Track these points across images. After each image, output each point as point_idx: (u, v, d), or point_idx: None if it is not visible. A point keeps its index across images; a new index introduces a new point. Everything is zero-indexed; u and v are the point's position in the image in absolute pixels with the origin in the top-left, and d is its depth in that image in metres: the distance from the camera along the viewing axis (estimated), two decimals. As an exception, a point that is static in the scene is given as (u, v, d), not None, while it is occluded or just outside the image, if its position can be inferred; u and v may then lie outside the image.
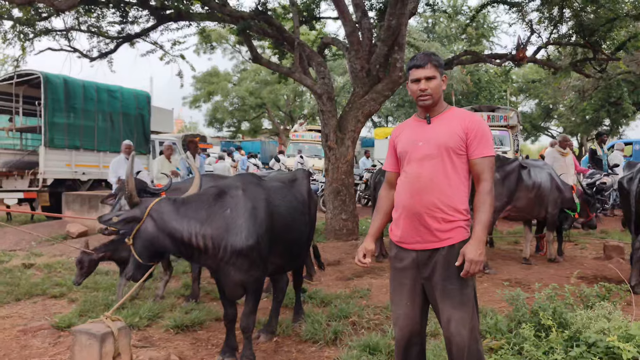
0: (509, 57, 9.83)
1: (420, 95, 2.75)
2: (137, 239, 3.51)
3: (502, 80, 24.82)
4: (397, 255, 2.85)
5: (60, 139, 12.26)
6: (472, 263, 2.59)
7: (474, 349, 2.72)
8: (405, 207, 2.76)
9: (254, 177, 4.17)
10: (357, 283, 6.25)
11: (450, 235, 2.69)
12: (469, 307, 2.71)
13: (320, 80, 9.57)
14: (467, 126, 2.72)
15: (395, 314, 2.90)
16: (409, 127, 2.91)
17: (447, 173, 2.69)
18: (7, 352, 4.21)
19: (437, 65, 2.76)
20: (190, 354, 4.22)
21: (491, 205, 2.69)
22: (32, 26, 9.75)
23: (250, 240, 3.61)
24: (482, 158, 2.71)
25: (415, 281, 2.79)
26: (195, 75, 34.66)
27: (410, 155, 2.78)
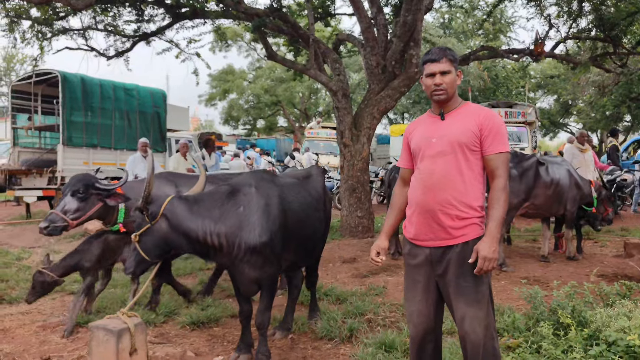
0: (526, 52, 9.68)
1: (434, 90, 2.71)
2: (146, 237, 3.52)
3: (520, 76, 24.58)
4: (410, 252, 2.83)
5: (77, 137, 12.41)
6: (485, 260, 2.55)
7: (490, 347, 2.69)
8: (418, 204, 2.73)
9: (267, 174, 4.17)
10: (372, 280, 6.22)
11: (464, 232, 2.66)
12: (484, 305, 2.67)
13: (336, 77, 9.53)
14: (482, 122, 2.68)
15: (409, 311, 2.87)
16: (423, 123, 2.89)
17: (461, 170, 2.66)
18: (26, 347, 4.26)
19: (452, 60, 2.72)
20: (206, 350, 4.24)
21: (505, 202, 2.65)
22: (50, 26, 9.85)
23: (263, 237, 3.61)
24: (496, 154, 2.67)
25: (429, 278, 2.77)
26: (211, 74, 34.88)
27: (423, 152, 2.75)
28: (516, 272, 6.64)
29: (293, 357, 4.07)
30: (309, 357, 4.06)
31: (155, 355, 3.98)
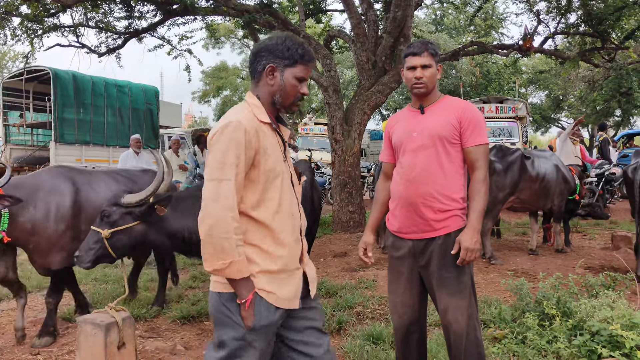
0: (515, 47, 9.74)
1: (415, 83, 2.75)
2: (120, 235, 3.49)
3: (511, 71, 24.64)
4: (394, 244, 2.87)
5: (70, 134, 12.40)
6: (467, 251, 2.59)
7: (472, 336, 2.73)
8: (401, 198, 2.77)
9: None
10: (362, 274, 6.27)
11: (445, 224, 2.70)
12: (466, 295, 2.72)
13: (327, 72, 9.57)
14: (461, 115, 2.72)
15: (394, 302, 2.92)
16: (403, 117, 2.92)
17: (442, 163, 2.70)
18: (16, 342, 4.28)
19: (433, 54, 2.76)
20: (196, 344, 4.28)
21: (486, 193, 2.70)
22: (40, 22, 9.82)
23: None
24: (476, 146, 2.71)
25: (412, 270, 2.81)
26: (204, 70, 34.81)
27: (405, 146, 2.79)
28: (505, 265, 6.71)
29: (282, 350, 4.11)
30: (297, 349, 4.10)
31: (145, 350, 4.03)
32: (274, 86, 2.12)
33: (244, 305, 1.98)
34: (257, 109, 2.11)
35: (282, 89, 2.12)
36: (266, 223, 2.05)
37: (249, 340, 2.01)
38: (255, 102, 2.13)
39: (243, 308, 1.99)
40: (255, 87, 2.17)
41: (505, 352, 3.70)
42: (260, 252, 2.05)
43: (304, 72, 2.14)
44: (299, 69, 2.12)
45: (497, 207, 7.04)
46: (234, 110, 2.10)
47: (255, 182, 2.04)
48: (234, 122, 1.99)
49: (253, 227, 2.05)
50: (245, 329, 1.99)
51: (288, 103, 2.15)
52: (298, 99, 2.15)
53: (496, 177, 6.91)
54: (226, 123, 2.00)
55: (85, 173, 4.48)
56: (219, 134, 1.99)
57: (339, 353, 3.94)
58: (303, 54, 2.12)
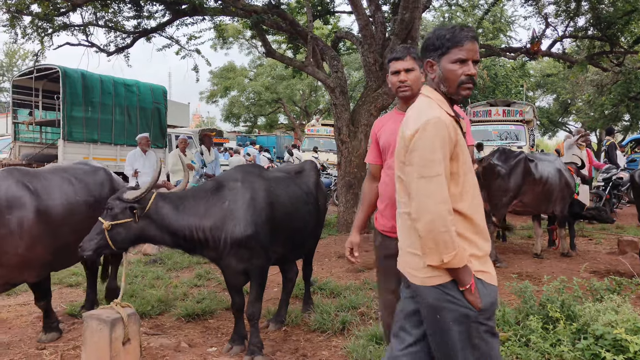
0: (523, 50, 9.73)
1: (399, 86, 2.85)
2: (121, 229, 3.53)
3: (519, 75, 24.56)
4: (382, 243, 2.93)
5: (78, 132, 12.48)
6: None
7: None
8: (391, 199, 2.81)
9: (255, 168, 4.23)
10: (367, 275, 6.28)
11: None
12: None
13: (334, 74, 9.59)
14: None
15: (383, 300, 2.97)
16: (390, 120, 2.99)
17: None
18: (23, 337, 4.33)
19: (415, 58, 2.84)
20: (200, 341, 4.30)
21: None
22: (51, 21, 9.89)
23: (248, 230, 3.67)
24: None
25: None
26: (212, 71, 34.92)
27: (393, 148, 2.81)
28: (509, 268, 6.70)
29: (285, 349, 4.13)
30: (301, 348, 4.13)
31: (150, 346, 4.06)
32: (436, 78, 2.20)
33: (469, 290, 2.05)
34: (442, 103, 2.17)
35: (443, 78, 2.17)
36: (467, 214, 2.13)
37: (480, 321, 2.08)
38: (438, 97, 2.19)
39: (469, 293, 2.06)
40: (427, 83, 2.26)
41: (509, 354, 3.70)
42: (466, 239, 2.12)
43: (460, 53, 2.14)
44: (453, 52, 2.14)
45: (500, 211, 7.01)
46: (424, 106, 2.16)
47: (456, 174, 2.11)
48: (433, 118, 2.05)
49: (458, 219, 2.11)
50: (476, 311, 2.07)
51: (453, 89, 2.18)
52: (462, 82, 2.16)
53: (500, 180, 6.87)
54: (426, 120, 2.06)
55: (39, 177, 4.06)
56: (422, 131, 2.05)
57: (342, 353, 3.96)
58: (452, 36, 2.14)
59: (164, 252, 7.82)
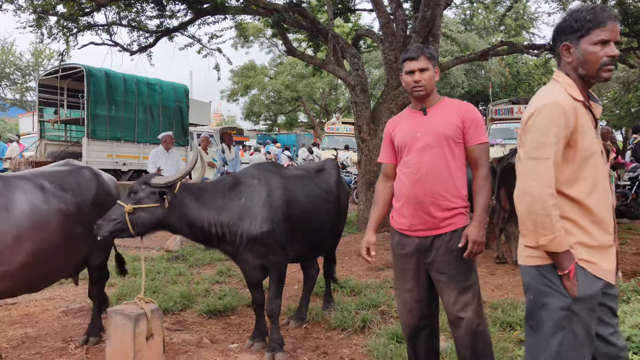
0: (547, 47, 9.58)
1: (414, 86, 2.83)
2: (143, 213, 3.53)
3: (542, 72, 24.22)
4: (399, 242, 2.92)
5: (102, 130, 12.67)
6: (475, 244, 2.69)
7: (482, 331, 2.79)
8: (408, 197, 2.82)
9: (272, 166, 4.24)
10: (387, 274, 6.27)
11: (452, 221, 2.78)
12: (476, 292, 2.80)
13: (354, 71, 9.57)
14: (464, 115, 2.81)
15: (402, 299, 2.96)
16: (404, 119, 2.98)
17: (447, 161, 2.78)
18: (49, 331, 4.42)
19: (429, 58, 2.84)
20: (221, 337, 4.34)
21: (489, 189, 2.81)
22: (76, 21, 10.05)
23: (264, 227, 3.69)
24: (478, 145, 2.81)
25: (419, 266, 2.86)
26: (233, 69, 35.09)
27: (409, 146, 2.84)
28: (532, 267, 6.61)
29: (306, 346, 4.15)
30: (321, 346, 4.14)
31: (173, 342, 4.11)
32: (573, 62, 2.15)
33: (567, 275, 2.03)
34: (571, 88, 2.14)
35: (582, 60, 2.12)
36: (580, 200, 2.09)
37: (574, 310, 2.05)
38: (567, 81, 2.16)
39: (566, 278, 2.04)
40: (560, 67, 2.22)
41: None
42: (577, 226, 2.09)
43: (602, 34, 2.07)
44: (594, 33, 2.08)
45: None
46: (547, 91, 2.16)
47: (570, 161, 2.09)
48: (551, 102, 2.05)
49: (567, 204, 2.10)
50: (571, 299, 2.04)
51: (594, 72, 2.13)
52: (604, 63, 2.10)
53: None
54: (543, 104, 2.06)
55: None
56: (537, 114, 2.06)
57: (362, 351, 3.96)
58: (593, 17, 2.08)
59: (186, 249, 7.90)
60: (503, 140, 13.96)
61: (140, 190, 3.58)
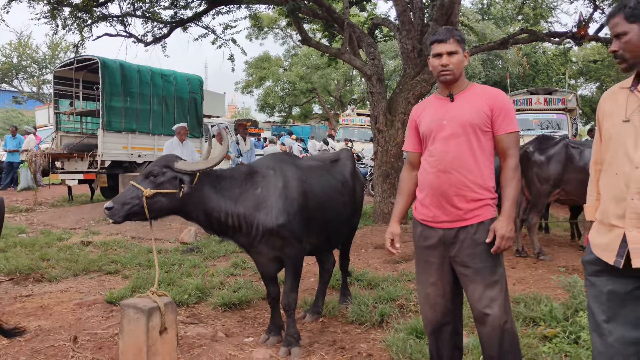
0: (569, 35, 9.32)
1: (441, 70, 2.69)
2: (162, 198, 3.38)
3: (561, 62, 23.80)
4: (422, 233, 2.80)
5: (117, 122, 12.66)
6: (503, 239, 2.57)
7: (509, 329, 2.66)
8: (432, 187, 2.70)
9: (288, 157, 4.12)
10: (405, 267, 6.15)
11: (478, 213, 2.65)
12: (503, 286, 2.67)
13: (370, 61, 9.42)
14: (492, 102, 2.67)
15: (424, 293, 2.84)
16: (431, 105, 2.84)
17: (474, 151, 2.64)
18: (63, 323, 4.38)
19: (459, 41, 2.69)
20: (236, 331, 4.27)
21: (518, 181, 2.67)
22: (90, 12, 10.04)
23: (280, 219, 3.59)
24: (507, 134, 2.67)
25: (443, 259, 2.74)
26: (248, 61, 35.06)
27: (435, 135, 2.71)
28: (554, 260, 6.45)
29: (323, 340, 4.05)
30: (338, 340, 4.04)
31: (187, 335, 4.04)
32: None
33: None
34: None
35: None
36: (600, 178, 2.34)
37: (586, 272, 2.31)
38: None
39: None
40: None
41: (557, 351, 3.54)
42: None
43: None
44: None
45: (541, 201, 6.74)
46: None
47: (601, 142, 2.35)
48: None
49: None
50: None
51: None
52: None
53: (537, 168, 6.63)
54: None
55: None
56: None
57: (381, 346, 3.85)
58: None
59: (201, 241, 7.86)
60: (521, 131, 13.71)
61: (160, 173, 3.40)
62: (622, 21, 2.11)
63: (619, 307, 2.14)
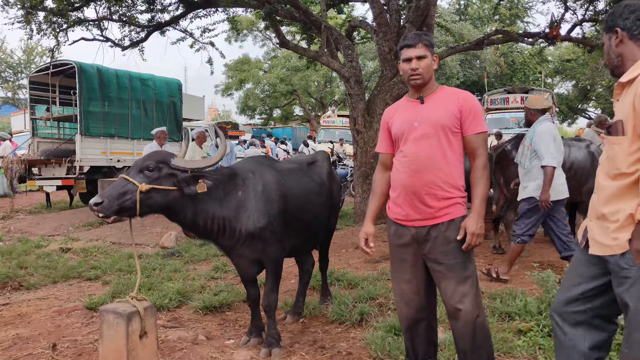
0: (542, 35, 9.50)
1: (411, 74, 2.78)
2: (157, 194, 3.29)
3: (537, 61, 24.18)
4: (396, 232, 2.88)
5: (95, 127, 12.55)
6: (473, 235, 2.66)
7: (481, 322, 2.75)
8: (404, 186, 2.78)
9: (266, 159, 4.16)
10: (384, 266, 6.22)
11: (448, 211, 2.74)
12: (474, 282, 2.76)
13: (348, 63, 9.48)
14: (461, 104, 2.76)
15: (399, 290, 2.92)
16: (401, 108, 2.93)
17: (444, 151, 2.73)
18: (41, 331, 4.35)
19: (427, 45, 2.78)
20: (217, 334, 4.29)
21: (488, 179, 2.77)
22: (65, 16, 9.93)
23: (261, 221, 3.62)
24: (476, 135, 2.76)
25: (417, 257, 2.82)
26: (227, 64, 34.97)
27: (406, 136, 2.80)
28: (530, 257, 6.59)
29: (303, 340, 4.10)
30: (319, 340, 4.09)
31: (168, 339, 4.05)
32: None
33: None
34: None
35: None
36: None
37: None
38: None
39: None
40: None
41: (531, 345, 3.63)
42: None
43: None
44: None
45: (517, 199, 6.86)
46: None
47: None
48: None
49: None
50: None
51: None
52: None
53: (514, 167, 6.74)
54: None
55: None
56: None
57: (360, 344, 3.91)
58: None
59: (182, 245, 7.84)
60: (499, 130, 13.93)
61: (157, 169, 3.31)
62: (603, 34, 2.35)
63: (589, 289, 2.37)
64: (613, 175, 2.20)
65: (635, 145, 2.12)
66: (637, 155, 2.11)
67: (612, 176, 2.21)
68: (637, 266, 2.09)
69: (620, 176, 2.16)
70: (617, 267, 2.18)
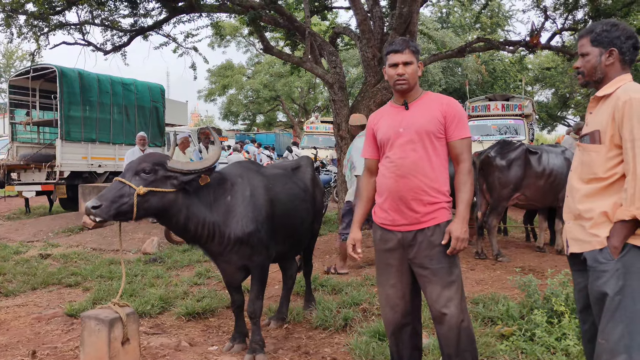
0: (522, 43, 9.64)
1: (397, 80, 2.80)
2: (154, 197, 3.24)
3: (518, 69, 24.51)
4: (382, 237, 2.89)
5: (76, 132, 12.41)
6: (458, 240, 2.68)
7: (466, 327, 2.76)
8: (390, 192, 2.80)
9: (253, 165, 4.15)
10: (368, 271, 6.24)
11: (434, 216, 2.76)
12: (459, 287, 2.77)
13: (332, 69, 9.51)
14: (445, 110, 2.79)
15: (385, 295, 2.93)
16: (386, 114, 2.95)
17: (430, 156, 2.76)
18: (20, 338, 4.28)
19: (414, 51, 2.81)
20: (201, 340, 4.25)
21: (472, 185, 2.80)
22: (46, 20, 9.81)
23: (250, 226, 3.61)
24: (460, 140, 2.79)
25: (402, 261, 2.84)
26: (210, 69, 34.83)
27: (392, 141, 2.82)
28: (512, 262, 6.65)
29: (287, 346, 4.08)
30: (303, 346, 4.08)
31: (150, 346, 4.01)
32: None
33: None
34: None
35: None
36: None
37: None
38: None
39: None
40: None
41: (513, 349, 3.66)
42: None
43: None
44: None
45: (501, 204, 6.95)
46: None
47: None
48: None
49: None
50: None
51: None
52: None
53: (498, 173, 6.83)
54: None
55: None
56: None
57: (344, 350, 3.91)
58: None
59: (164, 251, 7.77)
60: (480, 137, 14.08)
61: (153, 171, 3.24)
62: (587, 43, 2.43)
63: (587, 298, 2.44)
64: (587, 179, 2.40)
65: (612, 152, 2.32)
66: (614, 162, 2.31)
67: (586, 180, 2.41)
68: (614, 260, 2.27)
69: (596, 180, 2.37)
70: (595, 262, 2.34)
